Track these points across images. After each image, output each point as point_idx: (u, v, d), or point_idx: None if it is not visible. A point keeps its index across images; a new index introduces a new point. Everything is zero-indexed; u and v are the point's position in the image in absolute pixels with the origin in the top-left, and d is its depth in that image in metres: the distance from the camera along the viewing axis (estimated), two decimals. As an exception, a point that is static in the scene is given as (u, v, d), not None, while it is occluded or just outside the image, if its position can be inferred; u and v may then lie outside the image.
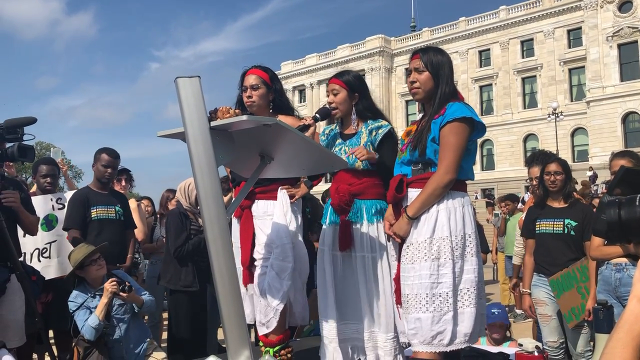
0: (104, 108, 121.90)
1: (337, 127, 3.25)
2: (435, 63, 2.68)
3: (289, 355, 3.26)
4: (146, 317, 5.43)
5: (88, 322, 3.66)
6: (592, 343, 3.90)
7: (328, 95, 3.15)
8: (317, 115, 3.11)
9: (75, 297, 3.81)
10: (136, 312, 3.91)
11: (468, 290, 2.56)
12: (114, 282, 3.70)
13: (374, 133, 3.06)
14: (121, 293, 3.71)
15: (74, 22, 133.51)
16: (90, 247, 3.87)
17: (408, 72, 2.82)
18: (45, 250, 4.55)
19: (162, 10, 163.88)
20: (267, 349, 3.24)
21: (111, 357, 3.73)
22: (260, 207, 3.27)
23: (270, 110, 3.32)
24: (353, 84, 3.14)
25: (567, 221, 3.92)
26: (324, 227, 3.20)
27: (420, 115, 2.86)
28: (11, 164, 5.23)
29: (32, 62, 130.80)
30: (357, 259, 3.04)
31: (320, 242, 3.20)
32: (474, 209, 2.88)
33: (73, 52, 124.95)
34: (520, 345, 3.33)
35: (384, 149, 3.05)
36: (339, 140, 3.19)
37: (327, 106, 3.16)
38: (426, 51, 2.75)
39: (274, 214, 3.21)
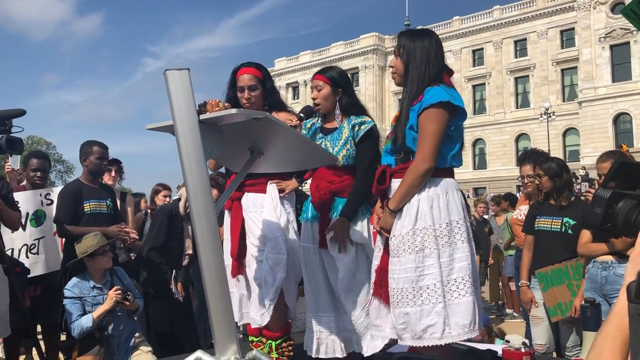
0: (101, 105, 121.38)
1: (319, 121, 3.24)
2: (407, 48, 2.60)
3: (290, 348, 3.26)
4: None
5: (82, 321, 3.63)
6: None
7: (312, 91, 3.16)
8: (302, 114, 3.11)
9: (73, 287, 3.76)
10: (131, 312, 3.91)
11: (462, 279, 2.42)
12: (119, 291, 3.69)
13: (356, 128, 3.06)
14: (124, 302, 3.72)
15: (83, 23, 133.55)
16: (104, 238, 3.86)
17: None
18: (33, 246, 4.50)
19: (162, 8, 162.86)
20: (269, 341, 3.24)
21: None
22: (249, 200, 3.27)
23: (266, 108, 3.31)
24: (336, 79, 3.13)
25: (565, 220, 3.87)
26: (303, 223, 3.19)
27: None
28: (11, 167, 5.20)
29: (39, 61, 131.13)
30: (331, 254, 3.05)
31: (303, 239, 3.19)
32: (464, 195, 2.71)
33: (79, 51, 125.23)
34: (508, 341, 3.33)
35: (364, 146, 3.05)
36: (320, 135, 3.19)
37: (311, 104, 3.17)
38: (402, 35, 2.67)
39: (264, 208, 3.20)
